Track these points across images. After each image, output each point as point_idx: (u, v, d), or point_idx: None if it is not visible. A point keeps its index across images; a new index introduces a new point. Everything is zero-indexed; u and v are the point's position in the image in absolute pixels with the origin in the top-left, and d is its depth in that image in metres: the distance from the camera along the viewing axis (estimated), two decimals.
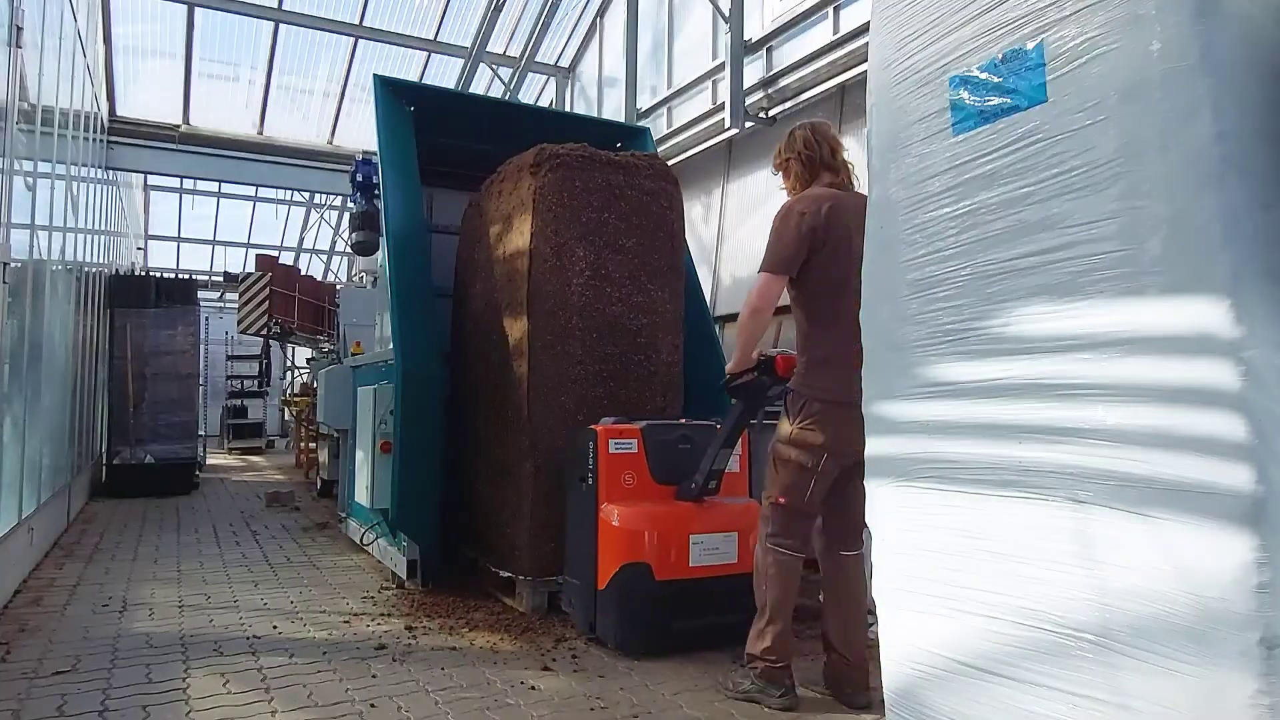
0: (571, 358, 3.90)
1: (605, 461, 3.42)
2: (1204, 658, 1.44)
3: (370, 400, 4.52)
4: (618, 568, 3.27)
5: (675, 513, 3.37)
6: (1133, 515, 1.56)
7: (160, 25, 9.03)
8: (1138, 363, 1.57)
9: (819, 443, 2.71)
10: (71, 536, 5.87)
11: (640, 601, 3.26)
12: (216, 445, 15.28)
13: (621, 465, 3.43)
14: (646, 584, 3.24)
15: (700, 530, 3.33)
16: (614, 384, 3.99)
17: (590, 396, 3.91)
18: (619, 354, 4.00)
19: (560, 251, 3.90)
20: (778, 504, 2.79)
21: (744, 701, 2.74)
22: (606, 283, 3.98)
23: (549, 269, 3.90)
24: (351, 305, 8.14)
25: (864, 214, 2.61)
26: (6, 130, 3.86)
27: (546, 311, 3.89)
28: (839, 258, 2.71)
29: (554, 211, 3.91)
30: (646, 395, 4.07)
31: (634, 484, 3.44)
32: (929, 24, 2.04)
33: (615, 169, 4.08)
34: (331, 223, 15.79)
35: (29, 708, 2.64)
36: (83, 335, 7.20)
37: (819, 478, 2.74)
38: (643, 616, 3.26)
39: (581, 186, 3.95)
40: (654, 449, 3.48)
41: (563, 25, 9.50)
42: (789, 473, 2.76)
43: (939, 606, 1.94)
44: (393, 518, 4.20)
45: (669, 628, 3.27)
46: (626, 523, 3.29)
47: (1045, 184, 1.75)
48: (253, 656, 3.18)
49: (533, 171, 3.99)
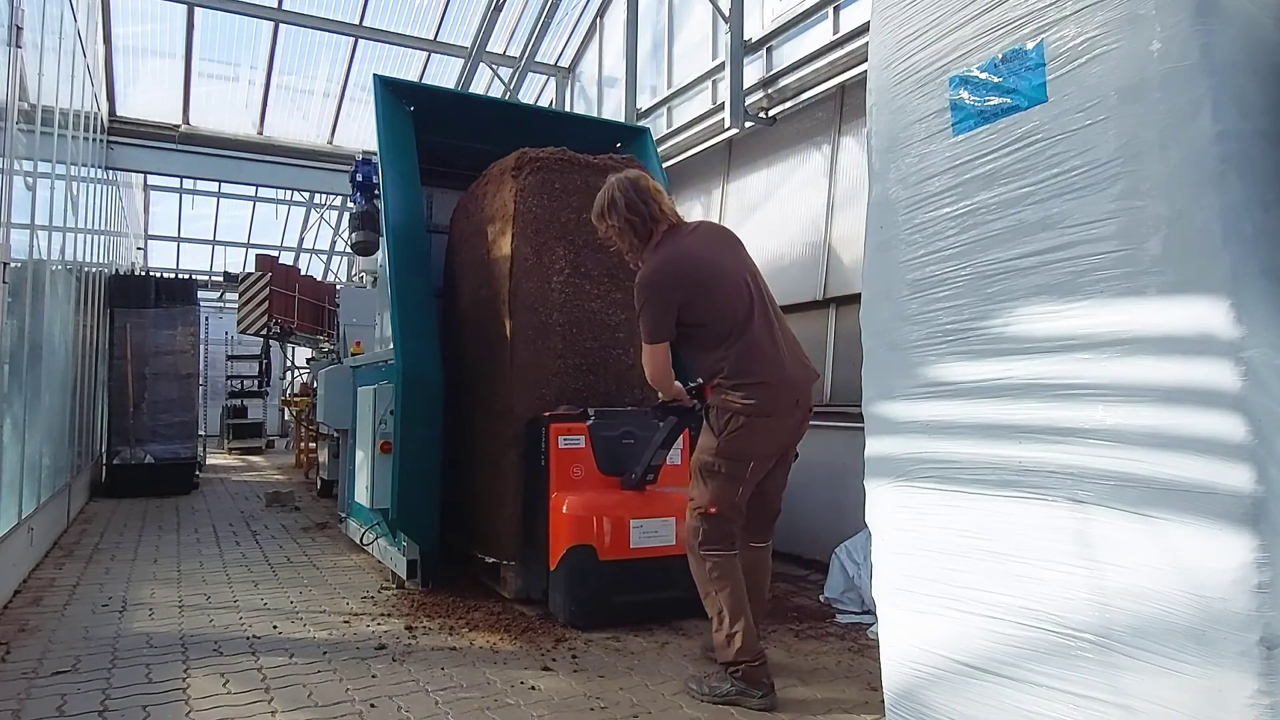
0: (552, 352, 4.07)
1: (555, 455, 3.74)
2: (1204, 658, 1.44)
3: (370, 400, 4.52)
4: (566, 549, 3.58)
5: (618, 500, 3.69)
6: (1133, 515, 1.56)
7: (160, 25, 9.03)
8: (1137, 363, 1.57)
9: (744, 452, 2.81)
10: (71, 536, 5.87)
11: (586, 579, 3.58)
12: (216, 445, 15.29)
13: (570, 458, 3.75)
14: (591, 563, 3.56)
15: (639, 515, 3.64)
16: (593, 377, 4.17)
17: (570, 389, 4.09)
18: (598, 348, 4.19)
19: (540, 251, 4.09)
20: (709, 513, 2.85)
21: (724, 705, 2.73)
22: (586, 280, 4.16)
23: (530, 267, 4.08)
24: (351, 305, 8.14)
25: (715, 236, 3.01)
26: (6, 130, 3.86)
27: (528, 308, 4.06)
28: (714, 292, 2.85)
29: (534, 213, 4.10)
30: (625, 387, 4.25)
31: (582, 475, 3.76)
32: (929, 24, 2.04)
33: (593, 171, 4.23)
34: (331, 223, 15.79)
35: (29, 708, 2.64)
36: (83, 335, 7.20)
37: (745, 484, 2.85)
38: (588, 592, 3.58)
39: (561, 188, 4.14)
40: (600, 443, 3.79)
41: (563, 25, 9.49)
42: (718, 483, 2.84)
43: (939, 606, 1.94)
44: (393, 518, 4.20)
45: (611, 602, 3.59)
46: (573, 509, 3.62)
47: (1045, 184, 1.75)
48: (253, 656, 3.18)
49: (514, 175, 4.16)
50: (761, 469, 2.87)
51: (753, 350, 2.79)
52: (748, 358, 2.79)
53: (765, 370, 2.78)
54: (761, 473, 2.88)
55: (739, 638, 2.75)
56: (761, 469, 2.87)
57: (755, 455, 2.82)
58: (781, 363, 2.82)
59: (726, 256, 2.95)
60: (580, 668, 3.10)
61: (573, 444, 3.75)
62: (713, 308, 2.84)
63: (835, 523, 4.73)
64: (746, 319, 2.83)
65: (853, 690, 2.91)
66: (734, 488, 2.83)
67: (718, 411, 2.83)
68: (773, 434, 2.84)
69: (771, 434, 2.84)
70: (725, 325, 2.83)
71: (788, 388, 2.81)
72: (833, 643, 3.48)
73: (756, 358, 2.79)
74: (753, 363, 2.78)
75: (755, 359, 2.79)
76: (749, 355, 2.79)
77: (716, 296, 2.84)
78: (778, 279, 5.97)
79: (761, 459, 2.85)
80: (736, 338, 2.81)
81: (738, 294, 2.86)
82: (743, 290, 2.88)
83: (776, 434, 2.85)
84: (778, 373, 2.79)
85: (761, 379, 2.77)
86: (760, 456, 2.84)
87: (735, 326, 2.82)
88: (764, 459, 2.86)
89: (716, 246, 2.97)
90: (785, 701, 2.78)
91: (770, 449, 2.87)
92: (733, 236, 3.11)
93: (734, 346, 2.81)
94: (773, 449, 2.89)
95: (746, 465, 2.82)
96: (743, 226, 6.56)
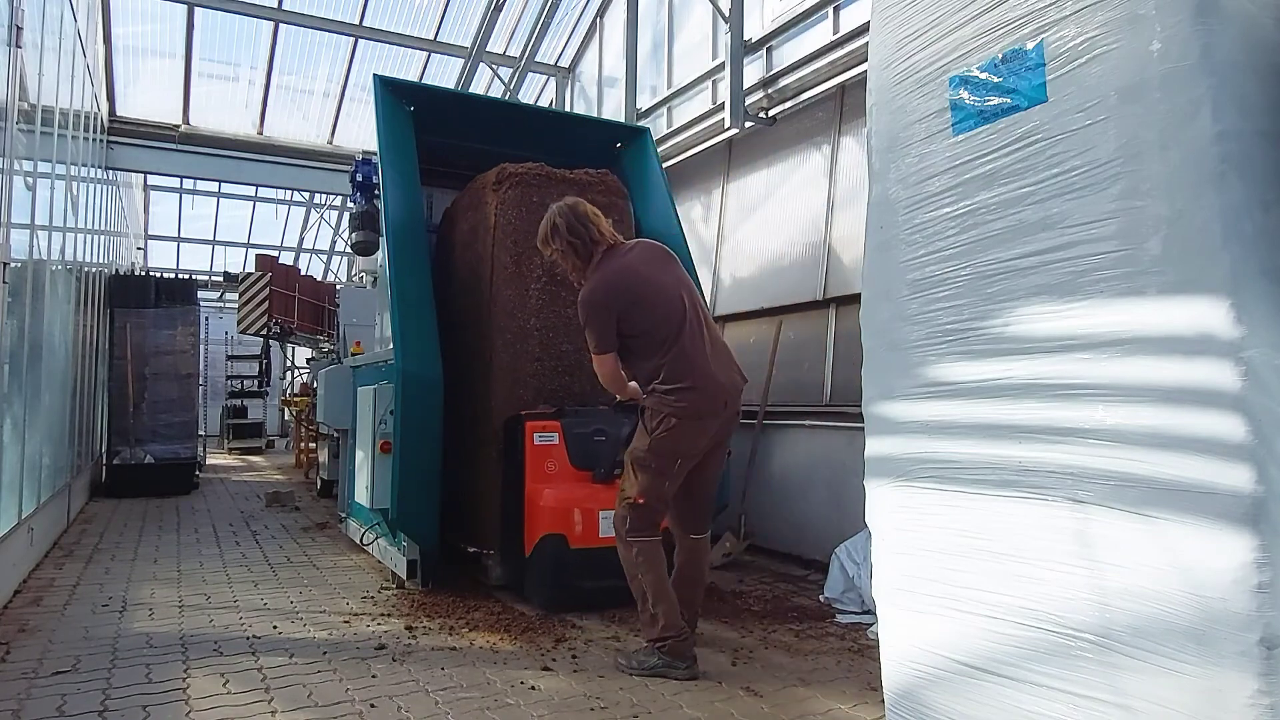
0: (530, 354, 4.31)
1: (531, 451, 3.97)
2: (1204, 658, 1.44)
3: (370, 400, 4.52)
4: (539, 538, 3.83)
5: (587, 493, 3.93)
6: (1132, 515, 1.56)
7: (160, 25, 9.02)
8: (1137, 363, 1.57)
9: (673, 450, 3.08)
10: (71, 537, 5.87)
11: (557, 566, 3.83)
12: (216, 445, 15.29)
13: (544, 454, 3.99)
14: (563, 551, 3.81)
15: (608, 506, 3.70)
16: (569, 378, 4.39)
17: (547, 389, 4.32)
18: (573, 350, 4.37)
19: (519, 260, 4.34)
20: (637, 504, 3.12)
21: (651, 677, 2.99)
22: (562, 288, 4.31)
23: (509, 275, 4.34)
24: (351, 305, 8.13)
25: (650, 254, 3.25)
26: (6, 130, 3.86)
27: (507, 313, 4.32)
28: (649, 305, 3.10)
29: (513, 224, 4.35)
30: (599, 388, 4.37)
31: (556, 470, 3.99)
32: (929, 24, 2.04)
33: (570, 185, 4.46)
34: (331, 223, 15.79)
35: (29, 708, 2.64)
36: (83, 335, 7.20)
37: (672, 479, 3.12)
38: (559, 578, 3.85)
39: (539, 202, 4.28)
40: (572, 440, 4.03)
41: (563, 25, 9.49)
42: (648, 476, 3.11)
43: (939, 606, 1.94)
44: (393, 518, 4.20)
45: (581, 588, 3.84)
46: (546, 501, 3.87)
47: (1045, 184, 1.75)
48: (253, 656, 3.18)
49: (494, 189, 4.42)
50: (687, 466, 3.14)
51: (684, 358, 3.07)
52: (679, 364, 3.06)
53: (695, 376, 3.06)
54: (687, 469, 3.14)
55: (662, 616, 3.03)
56: (687, 466, 3.14)
57: (683, 453, 3.09)
58: (710, 369, 3.09)
59: (661, 272, 3.21)
60: (580, 668, 3.10)
61: (547, 440, 4.00)
62: (648, 319, 3.09)
63: (835, 523, 4.74)
64: (679, 329, 3.09)
65: (853, 690, 2.91)
66: (661, 481, 3.11)
67: (651, 413, 3.11)
68: (700, 434, 3.10)
69: (699, 434, 3.10)
70: (659, 335, 3.09)
71: (717, 391, 3.09)
72: (833, 643, 3.48)
73: (687, 365, 3.06)
74: (684, 369, 3.05)
75: (686, 366, 3.06)
76: (680, 362, 3.06)
77: (651, 309, 3.10)
78: (778, 279, 5.98)
79: (688, 457, 3.12)
80: (670, 345, 3.07)
81: (670, 307, 3.12)
82: (675, 303, 3.14)
83: (703, 434, 3.11)
84: (707, 378, 3.07)
85: (691, 384, 3.04)
86: (687, 455, 3.11)
87: (669, 336, 3.08)
88: (690, 457, 3.13)
89: (652, 263, 3.23)
90: (785, 701, 2.79)
91: (696, 448, 3.13)
92: (668, 254, 3.33)
93: (668, 354, 3.07)
94: (698, 447, 3.14)
95: (675, 461, 3.09)
96: (743, 226, 6.57)
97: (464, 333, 4.56)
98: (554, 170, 4.50)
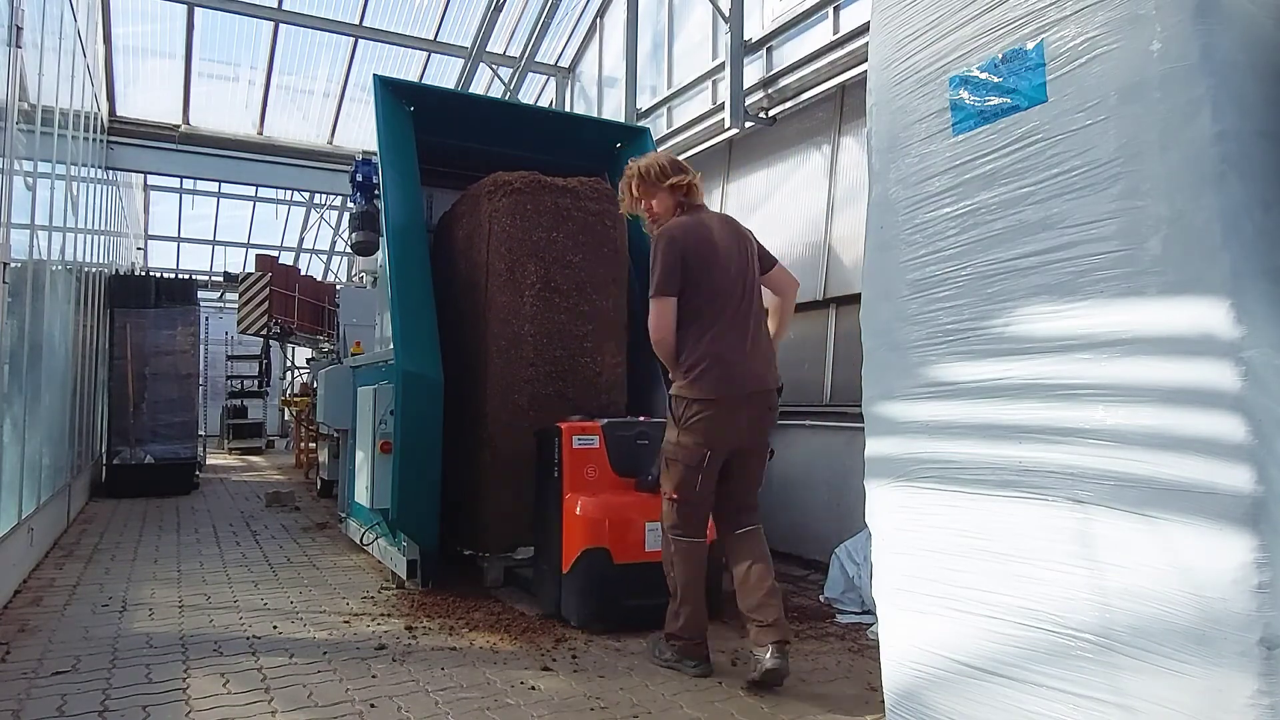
0: (524, 360, 4.31)
1: (569, 456, 3.75)
2: (1204, 658, 1.44)
3: (370, 400, 4.52)
4: (580, 552, 3.56)
5: (632, 502, 3.67)
6: (1133, 515, 1.56)
7: (160, 25, 9.02)
8: (1137, 363, 1.57)
9: (700, 442, 2.97)
10: (71, 537, 5.87)
11: (600, 582, 3.57)
12: (216, 445, 15.29)
13: (584, 460, 3.77)
14: (605, 566, 3.55)
15: (654, 518, 3.51)
16: (562, 383, 4.39)
17: (541, 395, 4.33)
18: (567, 357, 4.41)
19: (513, 267, 4.36)
20: (672, 499, 3.05)
21: (666, 669, 3.06)
22: (555, 294, 4.40)
23: (503, 283, 4.35)
24: (351, 305, 8.14)
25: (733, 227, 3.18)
26: (6, 130, 3.86)
27: (501, 320, 4.33)
28: (713, 270, 3.02)
29: (507, 232, 4.37)
30: (591, 394, 4.46)
31: (596, 476, 3.76)
32: (929, 24, 2.04)
33: (563, 193, 4.49)
34: (331, 223, 15.79)
35: (29, 708, 2.64)
36: (83, 335, 7.20)
37: (704, 473, 3.00)
38: (601, 595, 3.57)
39: (532, 209, 4.38)
40: (614, 444, 3.82)
41: (563, 25, 9.49)
42: (678, 471, 3.02)
43: (939, 606, 1.94)
44: (393, 518, 4.20)
45: (625, 605, 3.56)
46: (588, 511, 3.60)
47: (1045, 184, 1.75)
48: (253, 656, 3.18)
49: (488, 197, 4.43)
50: (717, 460, 3.01)
51: (720, 338, 2.97)
52: (714, 342, 2.97)
53: (723, 354, 2.96)
54: (717, 464, 3.02)
55: (683, 616, 3.03)
56: (717, 460, 3.01)
57: (709, 445, 2.97)
58: (742, 352, 2.99)
59: (737, 249, 3.13)
60: (580, 668, 3.10)
61: (587, 444, 3.78)
62: (709, 286, 3.01)
63: (835, 523, 4.74)
64: (724, 308, 3.00)
65: (853, 690, 2.91)
66: (693, 475, 2.99)
67: (676, 399, 3.03)
68: (725, 424, 2.96)
69: (725, 425, 2.96)
70: (706, 304, 3.00)
71: (741, 378, 2.97)
72: (833, 643, 3.48)
73: (719, 343, 2.96)
74: (715, 347, 2.96)
75: (718, 344, 2.96)
76: (715, 342, 2.97)
77: (713, 278, 3.01)
78: None
79: (716, 450, 2.99)
80: (711, 321, 2.99)
81: (729, 284, 3.04)
82: (735, 285, 3.05)
83: (729, 425, 2.97)
84: (734, 361, 2.97)
85: (715, 361, 2.94)
86: (715, 447, 2.98)
87: (717, 313, 2.99)
88: (718, 450, 3.00)
89: (731, 236, 3.14)
90: (785, 701, 2.79)
91: (724, 441, 2.99)
92: (748, 236, 3.25)
93: (705, 336, 2.98)
94: (727, 441, 3.00)
95: (703, 455, 2.97)
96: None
97: (459, 337, 4.57)
98: (546, 178, 4.50)
